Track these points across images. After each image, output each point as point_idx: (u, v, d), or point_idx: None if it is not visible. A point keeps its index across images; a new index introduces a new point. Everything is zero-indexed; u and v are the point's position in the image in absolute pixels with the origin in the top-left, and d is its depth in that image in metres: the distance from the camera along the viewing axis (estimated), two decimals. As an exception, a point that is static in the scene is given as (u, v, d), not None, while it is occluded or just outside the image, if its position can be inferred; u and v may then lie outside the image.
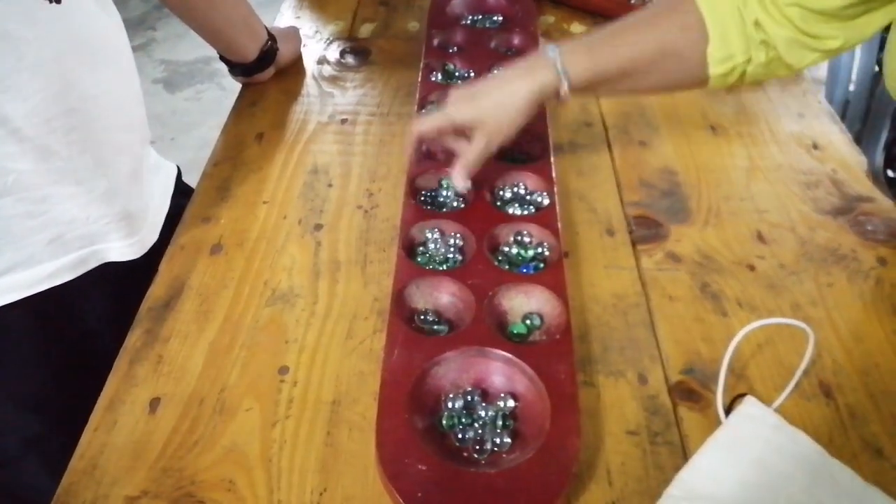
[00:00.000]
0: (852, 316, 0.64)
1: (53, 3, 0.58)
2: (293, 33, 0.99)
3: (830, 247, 0.71)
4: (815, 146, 0.84)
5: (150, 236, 0.73)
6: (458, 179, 0.68)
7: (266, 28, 0.89)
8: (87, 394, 0.59)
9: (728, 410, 0.56)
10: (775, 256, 0.70)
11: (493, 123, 0.66)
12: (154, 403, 0.57)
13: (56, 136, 0.61)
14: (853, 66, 1.65)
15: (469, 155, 0.68)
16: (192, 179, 0.82)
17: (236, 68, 0.90)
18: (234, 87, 0.96)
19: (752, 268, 0.69)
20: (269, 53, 0.89)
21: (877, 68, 1.61)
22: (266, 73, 0.92)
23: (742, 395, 0.56)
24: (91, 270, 0.67)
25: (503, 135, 0.67)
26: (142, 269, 0.70)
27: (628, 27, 0.66)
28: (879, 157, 1.43)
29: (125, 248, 0.70)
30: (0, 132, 0.58)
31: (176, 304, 0.65)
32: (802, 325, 0.59)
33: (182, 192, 0.81)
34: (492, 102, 0.66)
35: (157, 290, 0.66)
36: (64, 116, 0.61)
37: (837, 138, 0.85)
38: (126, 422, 0.56)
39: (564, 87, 0.65)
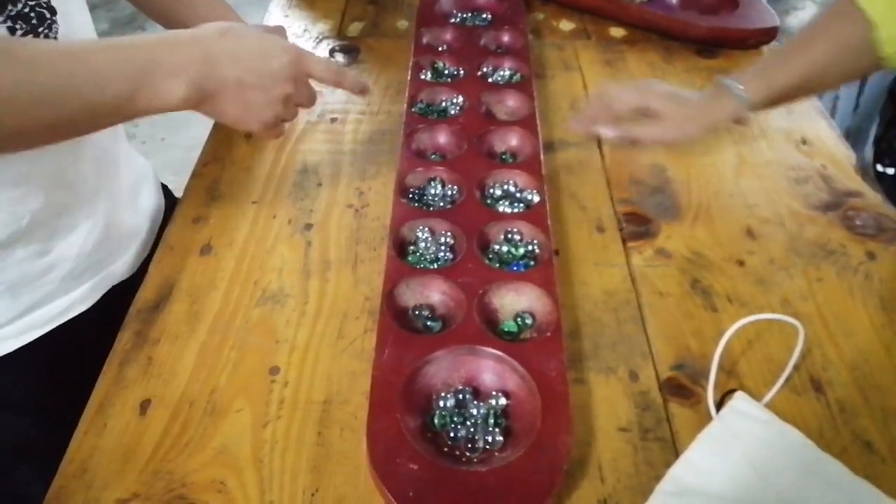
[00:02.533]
0: (842, 311, 0.65)
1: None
2: (279, 31, 0.98)
3: (820, 242, 0.71)
4: (804, 142, 0.84)
5: (146, 247, 0.73)
6: (611, 132, 0.72)
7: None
8: (78, 396, 0.58)
9: (719, 406, 0.56)
10: (765, 252, 0.70)
11: (675, 124, 0.72)
12: (144, 405, 0.57)
13: (59, 169, 0.62)
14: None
15: (642, 133, 0.72)
16: (182, 180, 0.82)
17: None
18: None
19: (741, 263, 0.69)
20: None
21: (865, 63, 1.62)
22: None
23: (732, 391, 0.57)
24: None
25: (675, 137, 0.72)
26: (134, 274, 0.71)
27: (797, 41, 0.71)
28: (869, 152, 1.44)
29: (126, 265, 0.71)
30: (10, 175, 0.58)
31: (166, 306, 0.65)
32: (792, 320, 0.59)
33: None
34: (685, 111, 0.72)
35: (146, 291, 0.66)
36: (67, 150, 0.61)
37: (826, 134, 0.86)
38: (116, 424, 0.56)
39: (747, 115, 0.72)
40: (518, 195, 0.72)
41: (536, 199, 0.71)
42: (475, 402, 0.55)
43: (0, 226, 0.59)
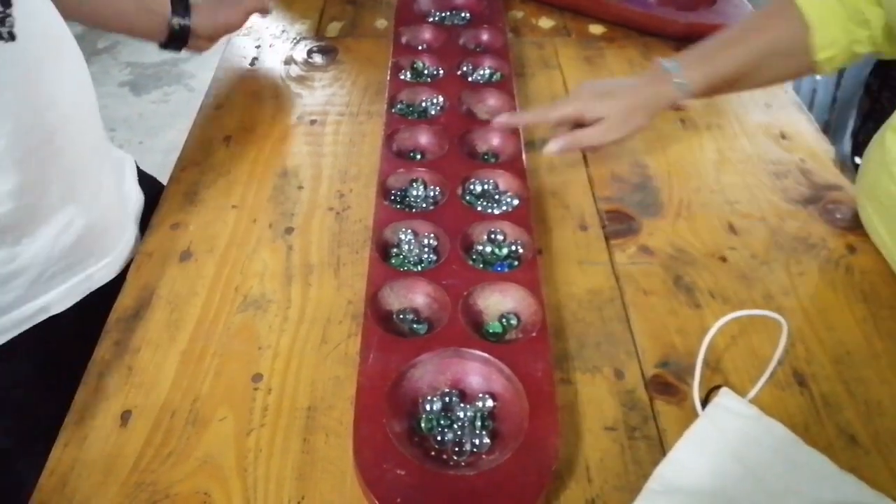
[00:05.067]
0: (824, 304, 0.65)
1: (8, 42, 0.55)
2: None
3: (801, 236, 0.72)
4: (783, 136, 0.85)
5: (128, 246, 0.72)
6: (554, 145, 0.72)
7: (179, 3, 0.82)
8: (61, 402, 0.57)
9: (704, 403, 0.56)
10: (747, 247, 0.71)
11: (616, 121, 0.71)
12: (125, 416, 0.56)
13: (26, 174, 0.59)
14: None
15: (584, 138, 0.72)
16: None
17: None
18: (202, 88, 0.94)
19: (724, 259, 0.69)
20: (181, 32, 0.83)
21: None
22: (199, 44, 0.86)
23: (718, 387, 0.57)
24: None
25: (620, 135, 0.72)
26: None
27: (735, 33, 0.72)
28: (847, 145, 1.45)
29: (108, 267, 0.69)
30: None
31: (145, 314, 0.64)
32: (776, 315, 0.59)
33: (145, 181, 0.81)
34: (622, 105, 0.71)
35: (125, 299, 0.65)
36: (33, 153, 0.59)
37: (805, 128, 0.86)
38: (97, 436, 0.55)
39: (684, 100, 0.72)
40: (500, 195, 0.72)
41: (519, 198, 0.70)
42: (462, 405, 0.54)
43: None
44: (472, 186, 0.72)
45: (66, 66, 0.64)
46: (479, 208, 0.70)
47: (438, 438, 0.52)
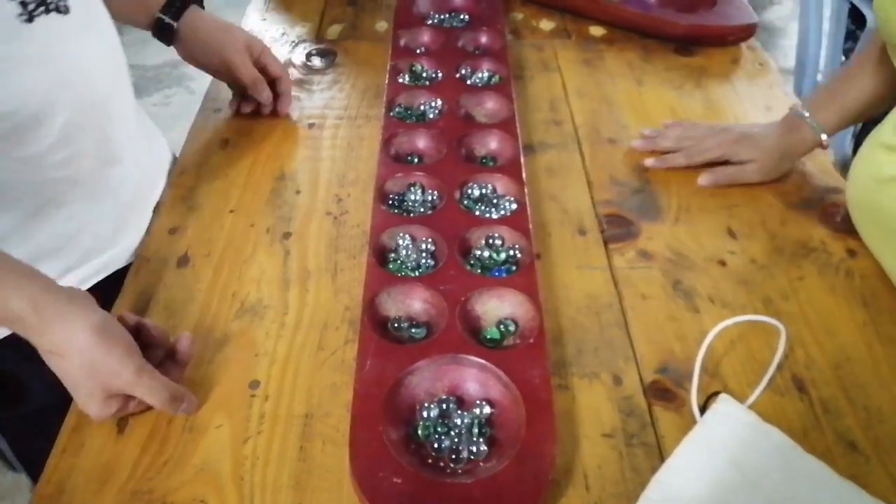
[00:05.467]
0: (824, 309, 0.65)
1: (65, 15, 0.60)
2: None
3: (801, 240, 0.72)
4: (783, 139, 0.84)
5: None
6: (708, 178, 0.77)
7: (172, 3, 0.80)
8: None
9: (703, 409, 0.56)
10: (746, 251, 0.70)
11: (768, 165, 0.77)
12: (122, 423, 0.56)
13: (83, 141, 0.65)
14: (821, 55, 1.67)
15: (737, 176, 0.77)
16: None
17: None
18: (203, 90, 0.94)
19: (723, 263, 0.69)
20: (166, 29, 0.80)
21: (843, 58, 1.63)
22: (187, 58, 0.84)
23: (716, 394, 0.56)
24: None
25: (768, 178, 0.77)
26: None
27: (860, 65, 0.74)
28: (848, 147, 1.45)
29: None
30: (54, 151, 0.62)
31: (142, 320, 0.63)
32: (774, 321, 0.59)
33: None
34: (770, 151, 0.76)
35: (122, 305, 0.65)
36: (89, 121, 0.65)
37: (805, 130, 0.86)
38: (94, 443, 0.54)
39: (825, 140, 0.75)
40: (498, 199, 0.71)
41: (517, 203, 0.70)
42: (459, 412, 0.54)
43: (33, 196, 0.63)
44: (470, 191, 0.72)
45: (107, 36, 0.69)
46: (478, 213, 0.69)
47: (435, 446, 0.52)
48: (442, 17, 1.00)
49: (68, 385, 0.53)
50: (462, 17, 1.01)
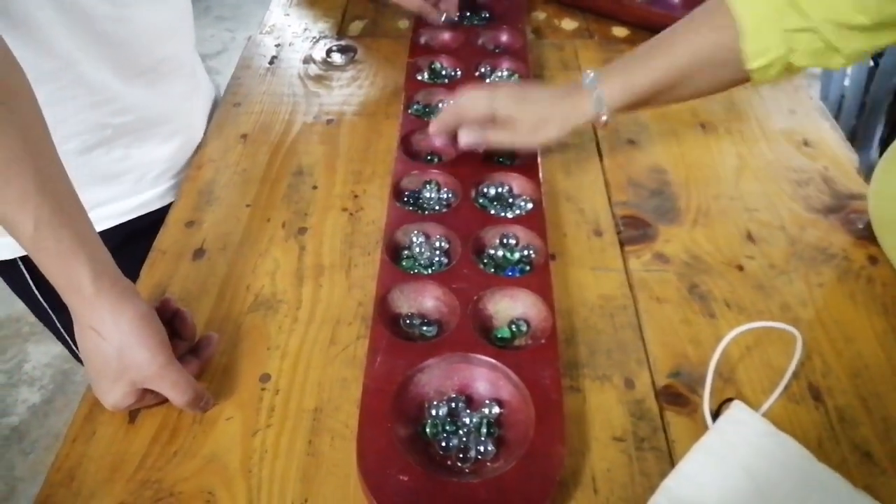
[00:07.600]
0: (842, 316, 0.64)
1: None
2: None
3: (821, 246, 0.70)
4: (806, 143, 0.83)
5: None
6: (466, 137, 0.70)
7: None
8: None
9: (715, 415, 0.55)
10: (765, 256, 0.69)
11: (526, 128, 0.69)
12: (133, 413, 0.56)
13: (144, 91, 0.73)
14: (847, 59, 1.64)
15: (491, 136, 0.70)
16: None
17: None
18: (221, 85, 0.95)
19: (740, 268, 0.68)
20: None
21: (871, 63, 1.60)
22: None
23: (729, 400, 0.56)
24: None
25: (527, 142, 0.71)
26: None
27: (661, 42, 0.67)
28: (875, 153, 1.42)
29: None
30: (107, 95, 0.70)
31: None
32: (790, 328, 0.58)
33: None
34: (534, 113, 0.69)
35: (138, 296, 0.65)
36: (148, 70, 0.74)
37: (829, 135, 0.84)
38: (105, 432, 0.55)
39: (603, 117, 0.68)
40: (514, 199, 0.71)
41: (532, 202, 0.70)
42: (468, 411, 0.54)
43: (87, 134, 0.71)
44: (485, 189, 0.71)
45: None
46: (493, 212, 0.69)
47: (443, 444, 0.52)
48: (463, 14, 1.00)
49: (94, 368, 0.53)
50: (483, 14, 1.00)
